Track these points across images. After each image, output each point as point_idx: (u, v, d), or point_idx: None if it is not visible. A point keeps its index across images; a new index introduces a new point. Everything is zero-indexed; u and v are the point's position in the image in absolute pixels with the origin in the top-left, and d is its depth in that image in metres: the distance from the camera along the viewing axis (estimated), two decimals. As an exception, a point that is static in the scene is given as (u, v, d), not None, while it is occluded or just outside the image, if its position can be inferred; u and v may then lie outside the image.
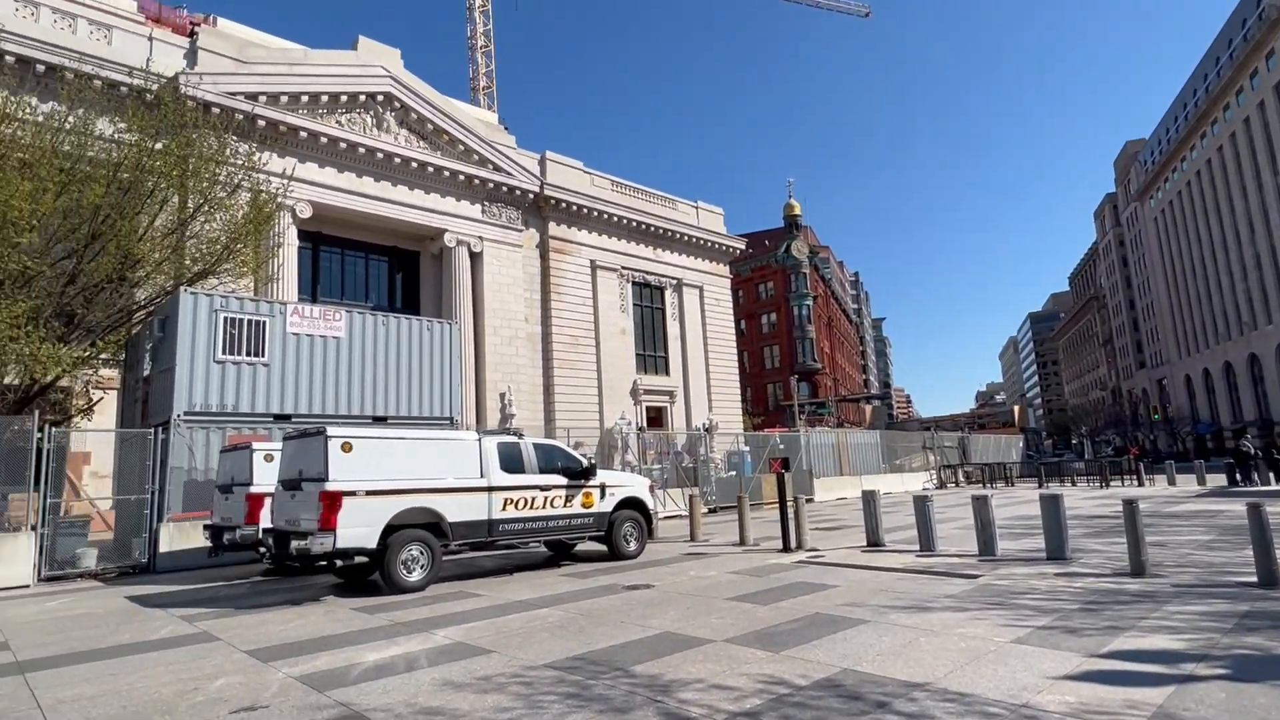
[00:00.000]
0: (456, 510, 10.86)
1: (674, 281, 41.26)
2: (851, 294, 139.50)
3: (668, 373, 40.25)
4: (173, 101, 18.75)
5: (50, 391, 17.49)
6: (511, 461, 11.77)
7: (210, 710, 5.24)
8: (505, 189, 33.38)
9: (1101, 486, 31.32)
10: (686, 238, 41.64)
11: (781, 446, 28.82)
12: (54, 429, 13.66)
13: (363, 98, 28.94)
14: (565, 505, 12.21)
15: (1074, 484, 34.14)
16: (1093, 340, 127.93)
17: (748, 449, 29.62)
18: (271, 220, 21.31)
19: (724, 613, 8.01)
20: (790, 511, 13.42)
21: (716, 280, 43.98)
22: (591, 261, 37.32)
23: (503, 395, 31.82)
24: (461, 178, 31.72)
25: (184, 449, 14.54)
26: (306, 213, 27.06)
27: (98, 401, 19.16)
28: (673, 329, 40.92)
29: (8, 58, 19.78)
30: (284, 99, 26.54)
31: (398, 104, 29.89)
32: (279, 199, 21.93)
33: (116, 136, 16.80)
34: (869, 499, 13.36)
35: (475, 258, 32.53)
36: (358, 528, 9.76)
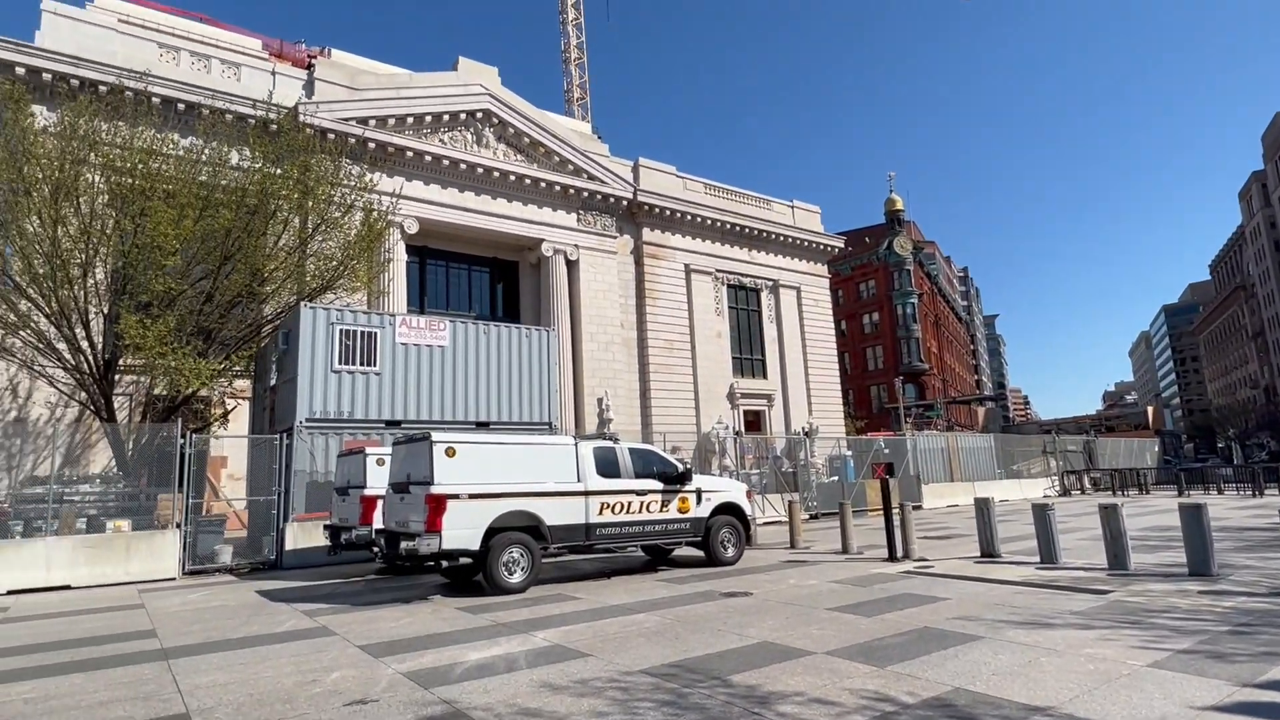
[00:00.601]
0: (554, 514, 11.05)
1: (770, 283, 40.61)
2: (960, 290, 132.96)
3: (765, 376, 39.62)
4: (292, 130, 20.19)
5: (192, 401, 19.17)
6: (608, 466, 11.87)
7: (326, 702, 5.52)
8: (599, 197, 33.89)
9: (1255, 495, 28.30)
10: (782, 238, 40.92)
11: (886, 451, 27.73)
12: (194, 435, 14.92)
13: (463, 116, 30.15)
14: (661, 510, 12.19)
15: (1220, 492, 31.03)
16: (1240, 333, 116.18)
17: (850, 453, 28.68)
18: (382, 237, 22.54)
19: (825, 623, 7.73)
20: (896, 519, 12.85)
21: (814, 280, 42.95)
22: (686, 265, 37.29)
23: (600, 400, 32.24)
24: (557, 188, 32.45)
25: (306, 453, 15.54)
26: (414, 229, 28.43)
27: (232, 410, 20.84)
28: (769, 331, 40.27)
29: (154, 99, 21.85)
30: (391, 121, 28.03)
31: (496, 120, 30.95)
32: (388, 216, 23.14)
33: (244, 164, 18.23)
34: (983, 506, 12.60)
35: (571, 265, 33.19)
36: (461, 530, 10.09)
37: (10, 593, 11.96)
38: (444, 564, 10.41)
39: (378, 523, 12.01)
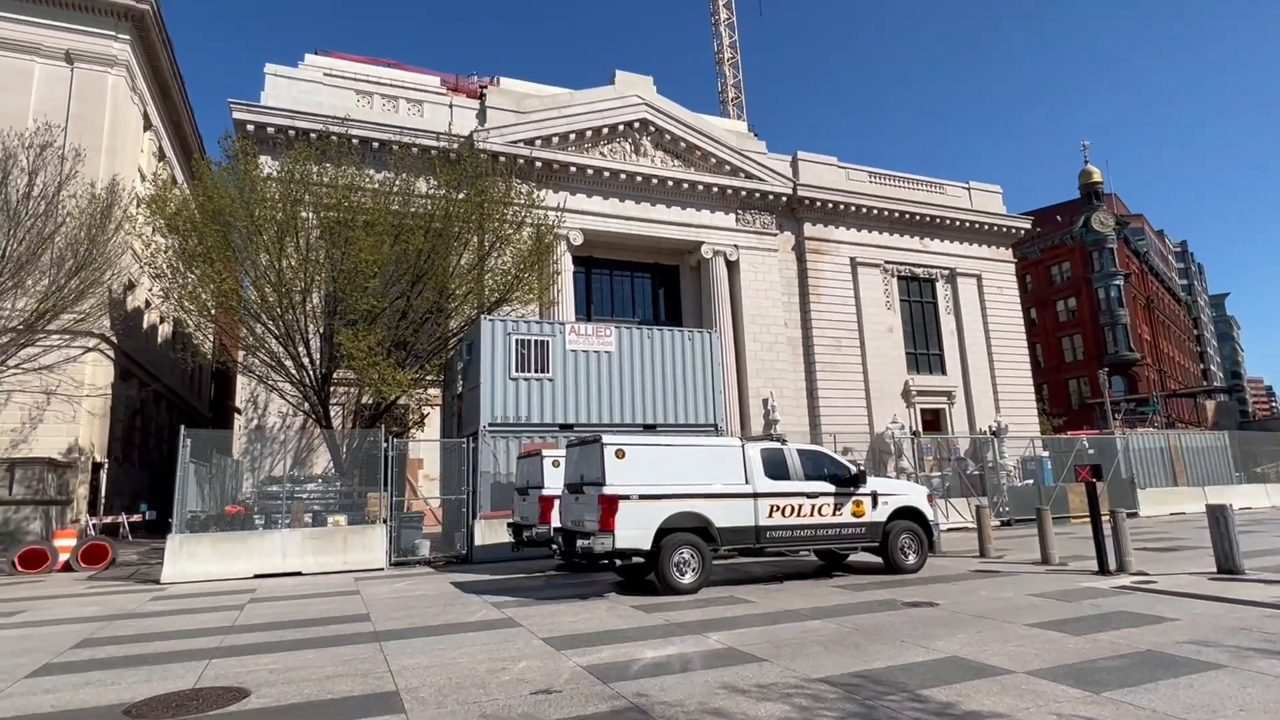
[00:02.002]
0: (723, 515, 10.99)
1: (945, 272, 38.00)
2: (1178, 268, 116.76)
3: (943, 371, 37.09)
4: (469, 156, 21.83)
5: (393, 409, 21.26)
6: (776, 468, 11.63)
7: (514, 690, 5.84)
8: (757, 195, 33.48)
9: None
10: (958, 223, 38.16)
11: (1091, 451, 24.87)
12: (395, 440, 16.52)
13: (621, 127, 31.04)
14: (834, 514, 11.74)
15: None
16: None
17: (1047, 454, 26.09)
18: (550, 250, 23.75)
19: (1024, 640, 7.04)
20: (1106, 527, 11.46)
21: (997, 266, 39.61)
22: (851, 259, 35.86)
23: (765, 401, 31.78)
24: (714, 190, 32.47)
25: (489, 456, 16.69)
26: (579, 240, 29.67)
27: (426, 416, 22.83)
28: (947, 324, 37.66)
29: (354, 140, 24.57)
30: (555, 139, 29.47)
31: (652, 128, 31.56)
32: (555, 230, 24.34)
33: (430, 192, 19.97)
34: (1218, 515, 10.91)
35: (732, 266, 33.04)
36: (633, 529, 10.33)
37: (256, 576, 13.88)
38: (618, 562, 10.71)
39: (555, 521, 12.61)
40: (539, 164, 28.70)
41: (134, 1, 26.58)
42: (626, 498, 10.40)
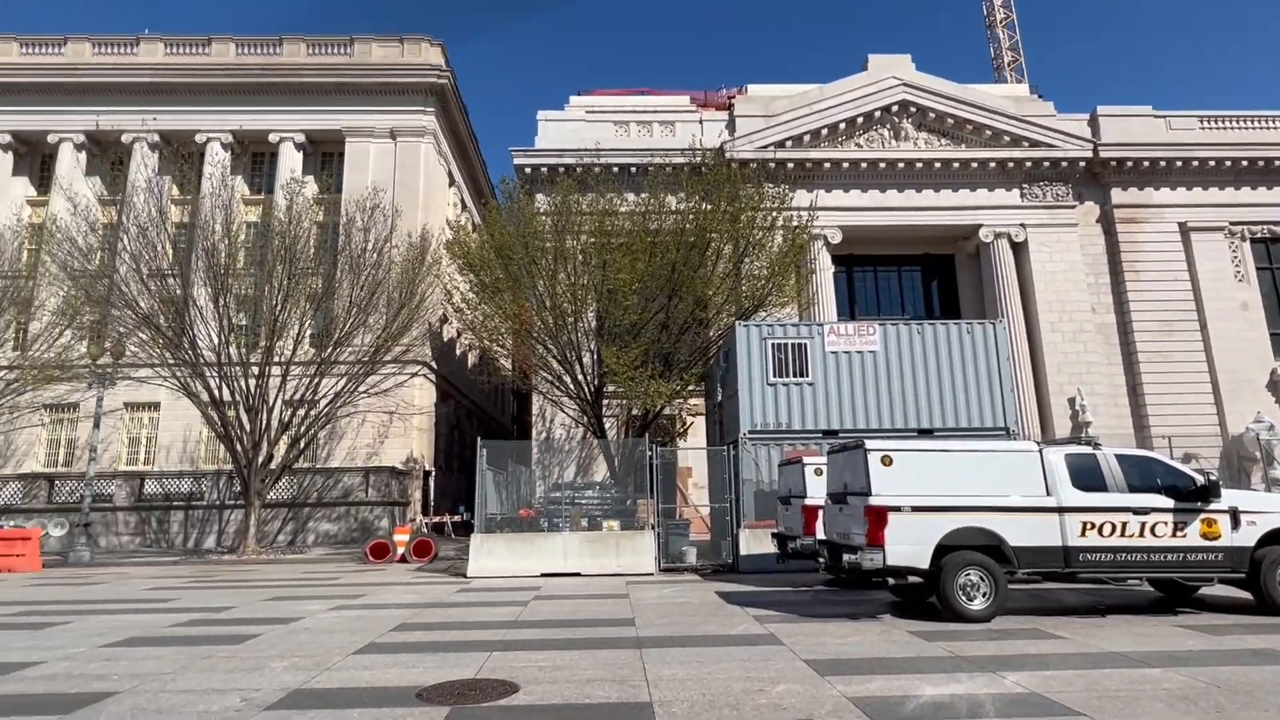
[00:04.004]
0: (1019, 533, 9.37)
1: (1325, 226, 29.58)
2: None
3: (1331, 354, 28.79)
4: (721, 167, 21.98)
5: (659, 418, 22.03)
6: (1087, 477, 9.66)
7: (771, 715, 5.37)
8: (1046, 165, 29.17)
9: None
10: (1341, 162, 29.52)
11: None
12: (659, 448, 16.98)
13: (877, 114, 29.12)
14: (1174, 535, 9.40)
15: None
16: None
17: None
18: (805, 250, 22.95)
19: None
20: None
21: None
22: (1180, 224, 29.57)
23: (1071, 400, 27.32)
24: (992, 165, 28.97)
25: (751, 463, 16.38)
26: (837, 238, 28.32)
27: (690, 425, 23.30)
28: (1332, 292, 29.25)
29: (613, 168, 26.20)
30: (806, 138, 28.55)
31: (913, 109, 29.14)
32: (809, 230, 23.48)
33: (680, 207, 20.45)
34: None
35: (1018, 248, 29.13)
36: (906, 545, 9.23)
37: (543, 575, 15.09)
38: (890, 580, 9.65)
39: (820, 533, 11.85)
40: (790, 165, 28.02)
41: (436, 79, 31.33)
42: (896, 509, 9.34)
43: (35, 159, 32.51)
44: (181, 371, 21.83)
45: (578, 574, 15.04)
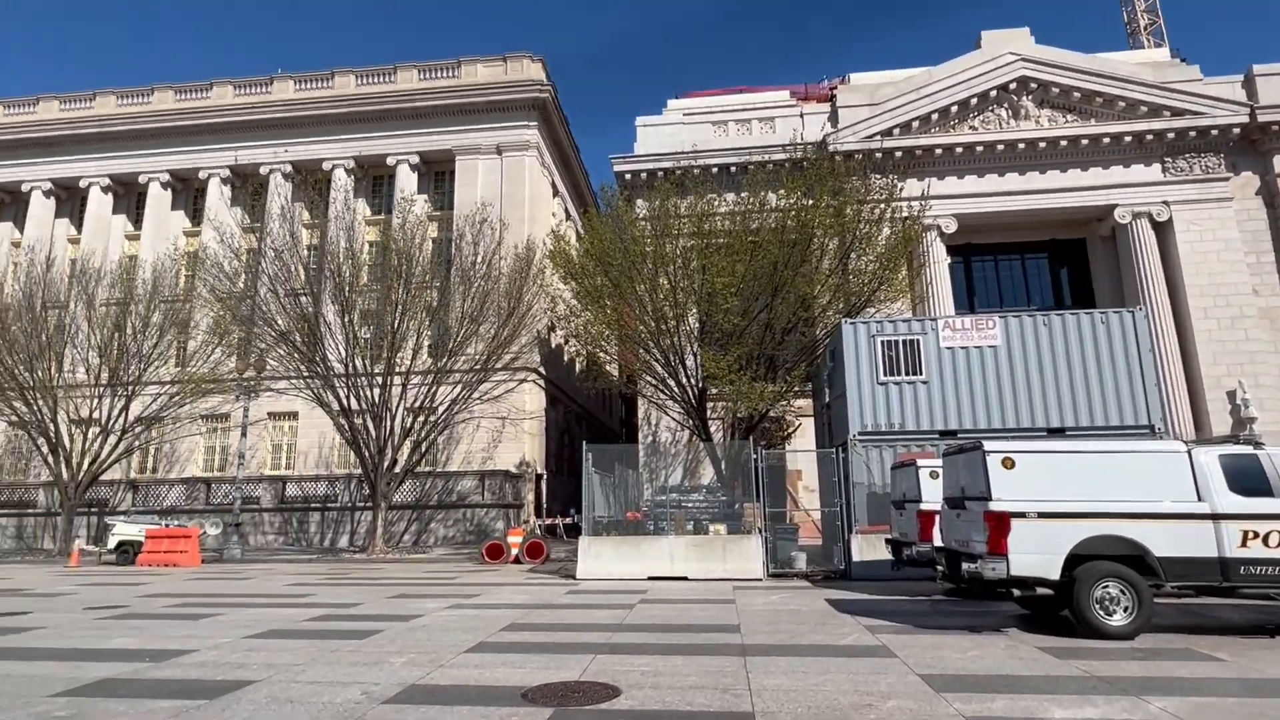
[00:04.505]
0: (1166, 542, 8.47)
1: None
2: None
3: None
4: (823, 161, 21.36)
5: (765, 420, 21.62)
6: (1249, 480, 8.62)
7: (879, 733, 5.09)
8: (1193, 134, 26.46)
9: None
10: None
11: None
12: (765, 451, 16.64)
13: (993, 93, 27.42)
14: (1360, 545, 8.22)
15: None
16: None
17: None
18: (916, 241, 21.88)
19: None
20: None
21: None
22: (1361, 191, 26.01)
23: (1231, 394, 24.60)
24: (1127, 139, 26.60)
25: (862, 466, 15.75)
26: (951, 227, 26.86)
27: (797, 428, 22.73)
28: None
29: (712, 169, 26.02)
30: (914, 124, 27.26)
31: (1033, 85, 27.23)
32: (921, 220, 22.39)
33: (781, 204, 20.01)
34: None
35: (1161, 228, 26.59)
36: (1032, 554, 8.55)
37: (650, 578, 15.13)
38: (1016, 592, 8.98)
39: (937, 539, 11.20)
40: (898, 153, 26.83)
41: (537, 93, 32.27)
42: (1021, 515, 8.67)
43: (188, 194, 36.12)
44: (314, 383, 23.56)
45: (684, 578, 14.97)
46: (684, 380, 20.97)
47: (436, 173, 34.13)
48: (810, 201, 19.29)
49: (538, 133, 32.92)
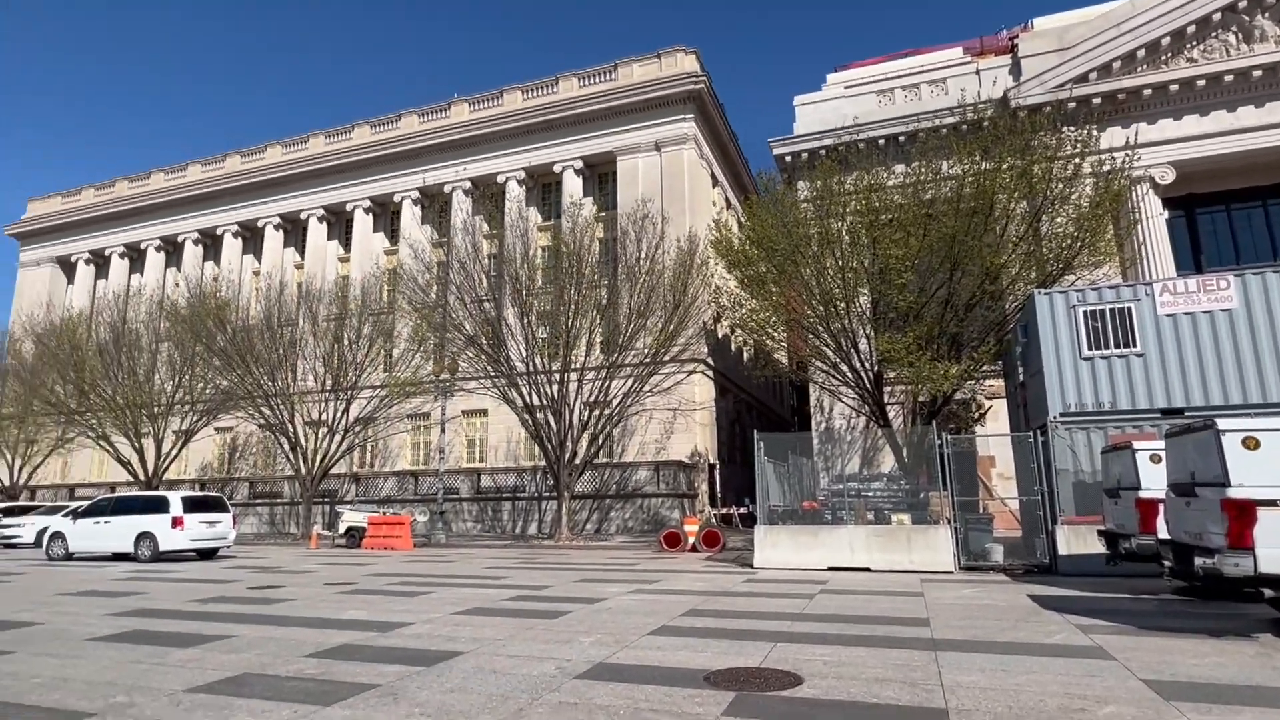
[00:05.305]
0: None
1: None
2: None
3: None
4: (1005, 118, 19.54)
5: (950, 403, 20.24)
6: None
7: (1095, 740, 4.64)
8: None
9: None
10: None
11: None
12: (951, 436, 15.58)
13: (1216, 16, 23.76)
14: None
15: None
16: None
17: None
18: (1124, 198, 19.41)
19: None
20: None
21: None
22: None
23: None
24: (1404, 48, 21.83)
25: (1065, 450, 14.28)
26: (1168, 177, 23.57)
27: (987, 410, 21.06)
28: None
29: (879, 141, 24.69)
30: (1116, 64, 24.20)
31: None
32: (1128, 173, 19.83)
33: (956, 171, 18.56)
34: None
35: None
36: (1287, 548, 7.33)
37: (830, 569, 14.75)
38: (1267, 592, 7.75)
39: (1161, 531, 9.91)
40: (1097, 100, 23.92)
41: (692, 85, 32.37)
42: (1271, 503, 7.46)
43: (385, 217, 40.26)
44: (500, 381, 25.38)
45: (866, 569, 14.44)
46: (857, 364, 20.14)
47: (599, 175, 35.38)
48: (989, 165, 17.68)
49: (694, 124, 33.04)
